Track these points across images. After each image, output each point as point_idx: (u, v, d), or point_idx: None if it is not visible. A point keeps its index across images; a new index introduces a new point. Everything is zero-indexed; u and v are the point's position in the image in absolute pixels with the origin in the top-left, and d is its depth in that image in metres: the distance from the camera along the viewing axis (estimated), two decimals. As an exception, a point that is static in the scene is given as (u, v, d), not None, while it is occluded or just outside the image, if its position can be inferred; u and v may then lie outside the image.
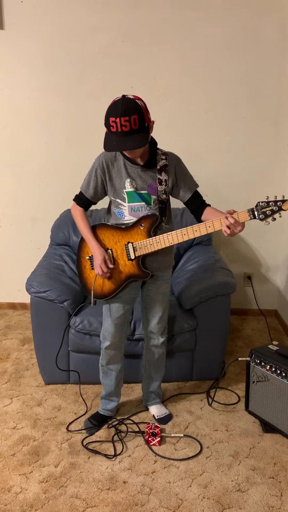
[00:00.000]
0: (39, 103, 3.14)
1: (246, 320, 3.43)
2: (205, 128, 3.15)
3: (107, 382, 2.22)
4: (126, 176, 1.92)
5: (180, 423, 2.27)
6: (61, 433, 2.19)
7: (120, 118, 1.67)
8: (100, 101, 3.02)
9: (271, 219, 1.76)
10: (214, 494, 1.85)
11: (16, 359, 2.83)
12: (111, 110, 1.71)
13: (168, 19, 2.95)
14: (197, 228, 1.84)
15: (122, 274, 2.00)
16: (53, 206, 3.18)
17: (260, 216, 1.76)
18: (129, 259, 1.98)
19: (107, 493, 1.84)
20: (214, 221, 1.81)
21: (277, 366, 2.12)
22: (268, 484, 1.89)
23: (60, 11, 2.97)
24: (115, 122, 1.69)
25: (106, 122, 1.73)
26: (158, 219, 1.94)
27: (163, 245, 1.91)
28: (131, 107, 1.69)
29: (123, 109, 1.67)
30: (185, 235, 1.86)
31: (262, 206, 1.76)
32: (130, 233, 1.96)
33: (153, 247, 1.92)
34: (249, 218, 1.77)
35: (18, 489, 1.86)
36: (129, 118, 1.68)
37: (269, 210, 1.75)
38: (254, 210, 1.77)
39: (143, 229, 1.94)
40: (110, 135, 1.74)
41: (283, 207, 1.74)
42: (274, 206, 1.75)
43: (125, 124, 1.68)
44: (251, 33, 2.96)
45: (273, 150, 3.17)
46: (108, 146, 1.75)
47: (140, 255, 1.96)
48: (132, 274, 2.00)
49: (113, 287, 2.02)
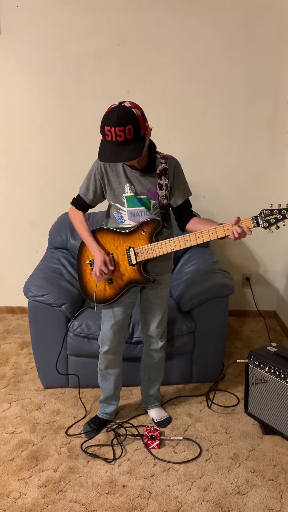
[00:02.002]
0: (35, 107, 3.14)
1: (245, 322, 3.43)
2: (202, 130, 3.15)
3: (105, 386, 2.22)
4: (125, 181, 1.91)
5: (180, 426, 2.26)
6: (60, 437, 2.18)
7: (115, 128, 1.66)
8: (97, 104, 3.03)
9: (275, 227, 1.76)
10: (213, 497, 1.84)
11: (15, 363, 2.83)
12: (106, 119, 1.69)
13: (164, 22, 2.96)
14: (200, 234, 1.84)
15: (123, 279, 2.00)
16: (50, 210, 3.19)
17: (263, 224, 1.76)
18: (130, 264, 1.97)
19: (106, 497, 1.84)
20: (217, 229, 1.80)
21: (276, 367, 2.12)
22: (268, 486, 1.89)
23: (56, 15, 2.98)
24: (110, 131, 1.67)
25: (101, 130, 1.71)
26: (160, 225, 1.93)
27: (165, 251, 1.91)
28: (126, 117, 1.66)
29: (118, 119, 1.65)
30: (188, 241, 1.86)
31: (266, 214, 1.75)
32: (131, 238, 1.95)
33: (155, 252, 1.92)
34: (252, 226, 1.77)
35: (17, 494, 1.85)
36: (124, 128, 1.66)
37: (273, 218, 1.75)
38: (258, 218, 1.76)
39: (144, 234, 1.93)
40: (105, 143, 1.72)
41: (287, 216, 1.74)
42: (278, 215, 1.74)
43: (119, 134, 1.66)
44: (247, 35, 2.97)
45: (271, 151, 3.18)
46: (103, 156, 1.73)
47: (141, 260, 1.95)
48: (133, 280, 1.99)
49: (114, 292, 2.02)
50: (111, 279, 2.00)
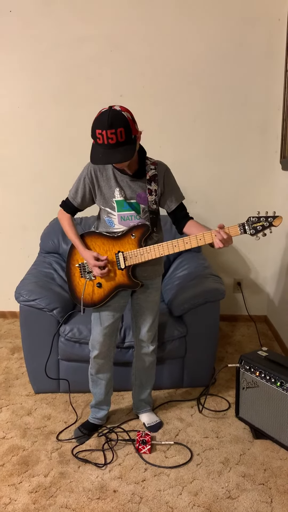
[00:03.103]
0: (28, 112, 3.15)
1: (236, 326, 3.44)
2: (194, 136, 3.18)
3: (96, 391, 2.21)
4: (116, 185, 1.92)
5: (171, 431, 2.26)
6: (51, 443, 2.17)
7: (107, 131, 1.68)
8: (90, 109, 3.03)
9: (262, 234, 1.77)
10: (204, 501, 1.84)
11: (6, 368, 2.81)
12: (97, 122, 1.71)
13: (157, 28, 2.99)
14: (188, 240, 1.85)
15: (112, 283, 2.00)
16: (43, 214, 3.18)
17: (250, 232, 1.77)
18: (119, 268, 1.98)
19: (97, 503, 1.83)
20: (205, 234, 1.82)
21: (267, 372, 2.13)
22: (258, 490, 1.90)
23: (49, 21, 2.99)
24: (101, 134, 1.69)
25: (92, 133, 1.73)
26: (149, 229, 1.94)
27: (154, 255, 1.91)
28: (117, 120, 1.69)
29: (109, 122, 1.67)
30: (176, 246, 1.87)
31: (253, 221, 1.77)
32: (120, 242, 1.96)
33: (144, 257, 1.93)
34: (239, 232, 1.79)
35: (7, 500, 1.84)
36: (115, 131, 1.68)
37: (259, 226, 1.76)
38: (245, 225, 1.78)
39: (134, 238, 1.94)
40: (97, 147, 1.74)
41: (273, 223, 1.75)
42: (265, 222, 1.76)
43: (111, 136, 1.68)
44: (239, 42, 3.01)
45: (262, 157, 3.21)
46: (95, 159, 1.75)
47: (130, 264, 1.96)
48: (121, 284, 2.00)
49: (103, 296, 2.02)
50: (99, 283, 2.01)
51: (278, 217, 1.75)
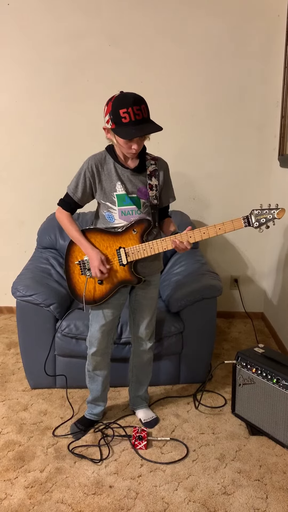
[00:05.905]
0: (26, 106, 3.13)
1: (233, 323, 3.45)
2: (192, 132, 3.17)
3: (93, 387, 2.21)
4: (117, 179, 1.92)
5: (167, 427, 2.27)
6: (47, 438, 2.17)
7: (132, 107, 1.70)
8: (87, 104, 3.04)
9: (265, 226, 1.79)
10: (200, 497, 1.85)
11: (2, 364, 2.81)
12: (119, 103, 1.72)
13: (155, 23, 2.97)
14: (191, 234, 1.86)
15: (114, 280, 1.99)
16: (40, 210, 3.17)
17: (254, 224, 1.79)
18: (121, 264, 1.97)
19: (93, 498, 1.83)
20: (209, 228, 1.84)
21: (263, 369, 2.13)
22: (253, 486, 1.90)
23: (46, 15, 2.97)
24: (127, 112, 1.70)
25: (115, 116, 1.73)
26: (151, 225, 1.94)
27: (157, 250, 1.91)
28: (139, 98, 1.73)
29: (133, 99, 1.71)
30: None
31: (256, 214, 1.79)
32: (122, 238, 1.95)
33: (146, 252, 1.92)
34: (243, 225, 1.80)
35: (2, 495, 1.84)
36: (140, 107, 1.72)
37: (263, 218, 1.78)
38: (249, 217, 1.79)
39: (135, 234, 1.93)
40: (124, 126, 1.74)
41: (276, 216, 1.77)
42: (268, 214, 1.78)
43: (137, 112, 1.71)
44: (238, 38, 2.99)
45: (260, 154, 3.20)
46: (129, 134, 1.74)
47: (132, 260, 1.96)
48: (123, 280, 1.99)
49: (104, 293, 2.01)
50: (101, 280, 2.00)
51: (281, 210, 1.77)
